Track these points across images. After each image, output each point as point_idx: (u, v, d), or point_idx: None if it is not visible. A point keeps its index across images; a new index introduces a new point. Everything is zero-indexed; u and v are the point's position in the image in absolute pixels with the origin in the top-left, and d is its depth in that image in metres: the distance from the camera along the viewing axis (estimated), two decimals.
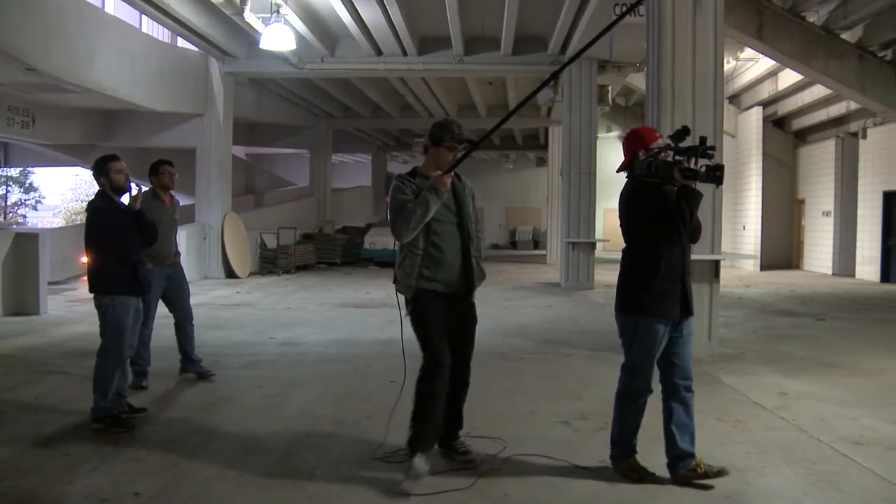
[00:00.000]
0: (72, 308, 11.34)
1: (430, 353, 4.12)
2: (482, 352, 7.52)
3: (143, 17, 15.33)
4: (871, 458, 4.49)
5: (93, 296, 5.20)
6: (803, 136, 21.87)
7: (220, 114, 17.22)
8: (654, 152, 4.03)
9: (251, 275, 18.01)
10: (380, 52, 16.53)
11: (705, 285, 7.55)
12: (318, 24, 15.34)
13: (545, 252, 25.95)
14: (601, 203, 17.90)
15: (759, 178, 21.22)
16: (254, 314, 11.11)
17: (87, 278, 5.32)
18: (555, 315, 11.40)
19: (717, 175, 3.89)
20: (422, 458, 4.04)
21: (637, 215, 4.07)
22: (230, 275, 17.00)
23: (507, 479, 4.13)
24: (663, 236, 3.94)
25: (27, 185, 44.50)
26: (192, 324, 6.64)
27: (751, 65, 19.22)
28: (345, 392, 6.23)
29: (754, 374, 6.96)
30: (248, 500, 3.89)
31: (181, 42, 16.56)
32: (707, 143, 3.88)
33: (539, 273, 20.16)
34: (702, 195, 3.95)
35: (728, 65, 18.43)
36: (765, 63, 18.11)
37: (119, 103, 14.82)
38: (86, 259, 5.31)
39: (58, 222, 47.15)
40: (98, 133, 18.11)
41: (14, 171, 41.10)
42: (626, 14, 4.30)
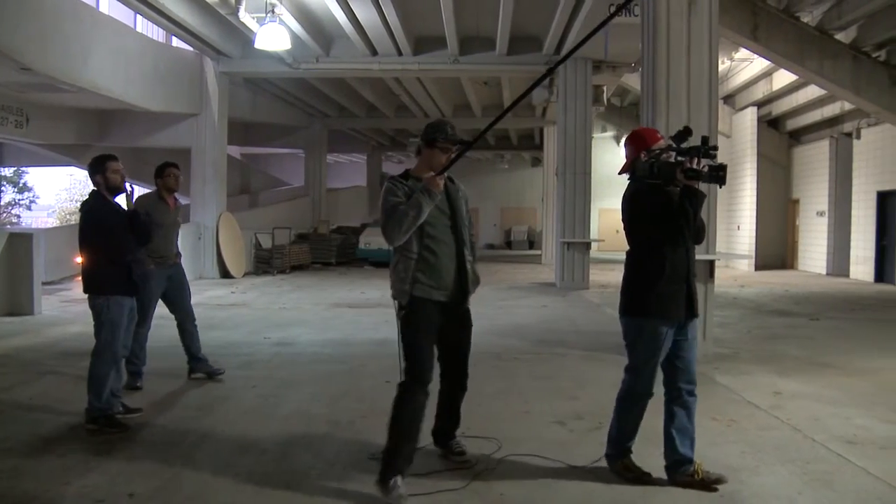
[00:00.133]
0: (66, 308, 11.31)
1: (415, 373, 3.98)
2: (477, 352, 7.52)
3: (138, 16, 15.29)
4: (864, 457, 4.51)
5: (87, 296, 5.19)
6: (798, 137, 21.92)
7: (215, 114, 17.18)
8: (655, 153, 4.00)
9: (246, 275, 17.99)
10: (375, 52, 16.52)
11: (700, 285, 7.45)
12: (313, 23, 15.33)
13: (540, 252, 25.95)
14: (596, 203, 17.94)
15: (754, 179, 21.27)
16: (248, 314, 11.10)
17: (81, 278, 5.31)
18: (550, 315, 11.41)
19: (720, 175, 3.84)
20: (400, 480, 3.83)
21: (640, 217, 4.04)
22: (225, 275, 16.98)
23: (502, 479, 4.14)
24: (667, 238, 3.90)
25: (21, 184, 44.32)
26: (195, 324, 6.63)
27: (745, 65, 19.25)
28: (340, 392, 6.23)
29: (749, 374, 6.98)
30: (244, 500, 3.89)
31: (176, 42, 16.54)
32: (709, 143, 3.84)
33: (534, 273, 20.17)
34: (705, 195, 3.92)
35: (723, 65, 18.46)
36: (759, 63, 18.14)
37: (114, 103, 14.78)
38: (80, 259, 5.30)
39: (52, 222, 47.09)
40: (92, 133, 18.05)
41: (8, 171, 40.94)
42: (618, 11, 4.26)
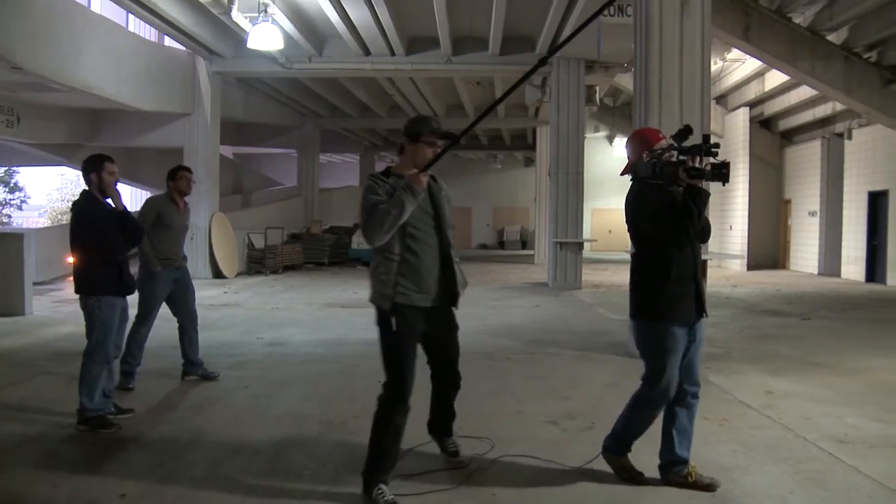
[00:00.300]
0: (57, 308, 11.27)
1: (396, 388, 3.83)
2: (470, 352, 7.52)
3: (130, 16, 15.26)
4: (855, 456, 4.53)
5: (78, 296, 5.17)
6: (790, 137, 22.00)
7: (208, 113, 17.13)
8: (657, 153, 3.97)
9: (239, 275, 17.95)
10: (368, 52, 16.51)
11: None
12: (306, 23, 15.31)
13: (533, 252, 25.98)
14: (589, 203, 18.00)
15: (746, 179, 21.33)
16: (241, 314, 11.07)
17: (72, 279, 5.29)
18: (542, 315, 11.42)
19: (723, 172, 3.78)
20: (385, 487, 3.78)
21: (644, 218, 3.99)
22: (217, 275, 16.94)
23: (494, 479, 4.13)
24: (672, 238, 3.85)
25: (12, 184, 44.16)
26: (196, 328, 6.63)
27: (738, 66, 19.32)
28: (332, 392, 6.22)
29: (741, 374, 7.00)
30: (236, 501, 3.88)
31: (168, 41, 16.49)
32: (710, 141, 3.80)
33: (527, 273, 20.18)
34: (709, 194, 3.87)
35: (715, 65, 18.51)
36: (751, 64, 18.21)
37: (105, 103, 14.72)
38: (71, 259, 5.28)
39: (43, 222, 46.92)
40: (84, 132, 17.99)
41: None
42: (607, 5, 4.22)
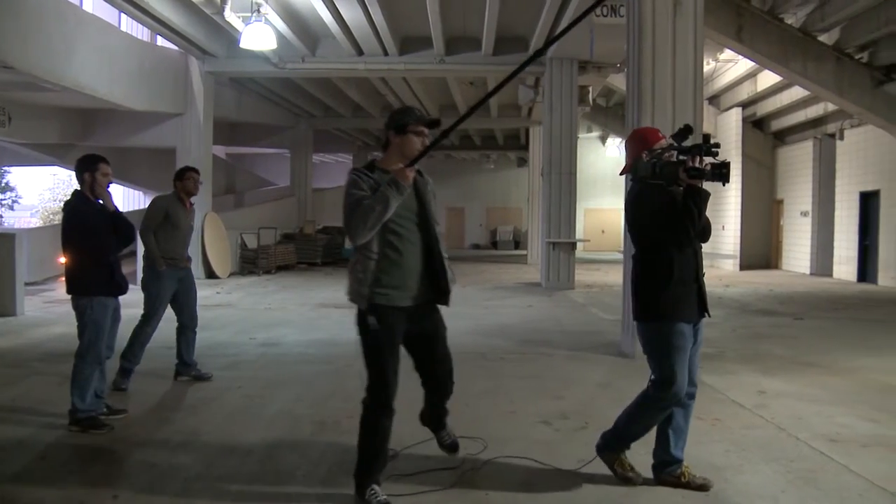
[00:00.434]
0: (49, 309, 11.23)
1: (378, 391, 3.73)
2: (463, 351, 7.53)
3: (123, 15, 15.22)
4: (846, 455, 4.55)
5: (70, 297, 5.16)
6: (782, 137, 22.08)
7: (200, 113, 17.10)
8: (657, 153, 3.94)
9: (231, 275, 17.91)
10: (361, 52, 16.51)
11: None
12: (299, 23, 15.29)
13: (526, 252, 26.01)
14: (582, 203, 17.99)
15: (739, 179, 21.35)
16: (234, 315, 11.05)
17: (64, 279, 5.27)
18: (535, 315, 11.43)
19: (724, 172, 3.76)
20: (378, 487, 3.75)
21: (645, 219, 3.96)
22: (210, 275, 16.89)
23: (487, 479, 4.14)
24: (673, 239, 3.83)
25: (3, 184, 43.98)
26: (195, 329, 6.64)
27: (730, 66, 19.35)
28: (325, 392, 6.21)
29: (733, 373, 7.02)
30: (228, 501, 3.87)
31: (161, 41, 16.45)
32: (711, 141, 3.77)
33: (520, 273, 20.20)
34: (709, 194, 3.84)
35: (707, 66, 18.56)
36: (744, 64, 18.24)
37: (98, 102, 14.67)
38: (63, 260, 5.27)
39: (35, 222, 46.69)
40: (76, 132, 17.94)
41: None
42: (596, 5, 4.20)
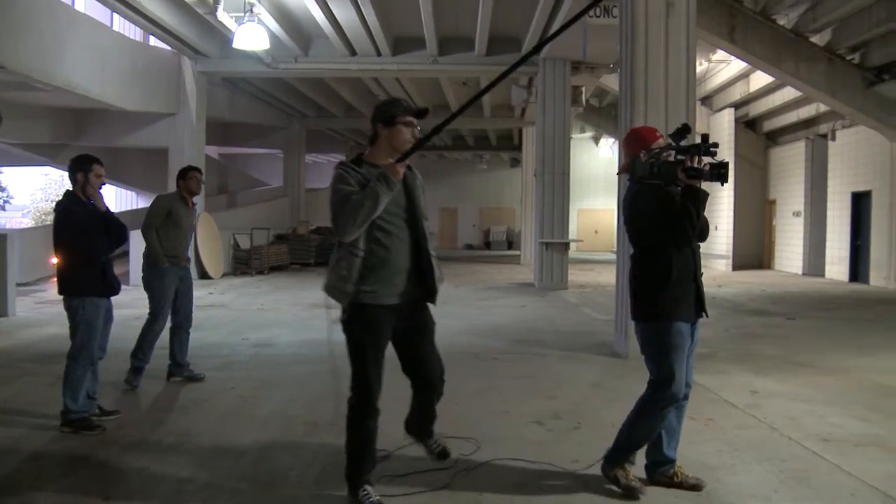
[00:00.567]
0: (41, 310, 11.18)
1: (362, 390, 3.68)
2: (456, 351, 7.55)
3: (115, 15, 15.16)
4: (838, 454, 4.56)
5: (62, 297, 5.15)
6: (774, 138, 22.14)
7: (193, 113, 17.06)
8: (655, 153, 3.91)
9: (224, 276, 17.86)
10: (354, 52, 16.50)
11: None
12: (292, 23, 15.26)
13: (519, 252, 26.01)
14: (575, 203, 18.01)
15: (732, 179, 21.02)
16: (227, 315, 11.02)
17: (56, 280, 5.26)
18: (528, 315, 11.44)
19: (722, 172, 3.73)
20: (370, 488, 3.74)
21: (643, 219, 3.93)
22: (203, 276, 16.84)
23: (480, 479, 4.13)
24: (672, 239, 3.80)
25: None
26: (189, 330, 6.65)
27: (723, 67, 19.41)
28: (319, 393, 6.19)
29: (726, 373, 7.04)
30: (221, 502, 3.86)
31: (153, 41, 16.40)
32: (709, 140, 3.74)
33: (513, 273, 20.21)
34: (707, 194, 3.79)
35: (700, 67, 18.60)
36: (736, 65, 18.29)
37: (90, 102, 14.62)
38: (55, 260, 5.25)
39: (27, 223, 46.47)
40: (68, 132, 17.87)
41: None
42: (592, 6, 4.19)
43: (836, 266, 18.37)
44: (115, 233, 5.24)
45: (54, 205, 5.32)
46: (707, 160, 3.75)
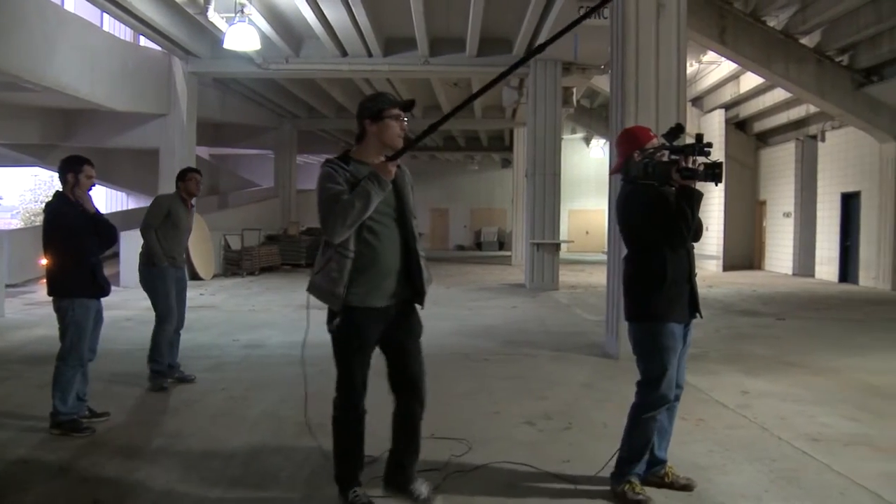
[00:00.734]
0: (30, 311, 11.10)
1: (346, 391, 3.66)
2: (446, 352, 7.55)
3: (105, 15, 15.10)
4: (828, 454, 4.58)
5: (51, 299, 5.11)
6: (764, 139, 22.24)
7: (184, 114, 17.00)
8: (649, 152, 3.89)
9: (215, 276, 17.81)
10: (345, 53, 16.48)
11: None
12: (283, 24, 15.24)
13: (510, 253, 26.03)
14: (566, 204, 18.04)
15: (722, 180, 21.47)
16: (217, 316, 10.98)
17: (45, 281, 5.23)
18: (519, 316, 11.44)
19: (717, 172, 3.71)
20: (360, 489, 3.69)
21: (637, 219, 3.91)
22: (193, 276, 16.74)
23: (471, 481, 4.13)
24: (666, 239, 3.78)
25: None
26: (180, 331, 6.63)
27: (713, 68, 19.47)
28: (310, 394, 6.17)
29: (717, 374, 7.05)
30: None
31: (144, 41, 16.34)
32: (703, 141, 3.72)
33: (504, 274, 20.20)
34: (702, 194, 3.78)
35: (691, 68, 18.65)
36: (727, 66, 18.36)
37: (80, 103, 14.53)
38: (44, 261, 5.22)
39: (16, 224, 46.24)
40: (58, 133, 17.77)
41: None
42: (589, 14, 4.18)
43: (826, 266, 18.46)
44: (104, 234, 5.21)
45: (44, 206, 5.29)
46: (701, 160, 3.74)
